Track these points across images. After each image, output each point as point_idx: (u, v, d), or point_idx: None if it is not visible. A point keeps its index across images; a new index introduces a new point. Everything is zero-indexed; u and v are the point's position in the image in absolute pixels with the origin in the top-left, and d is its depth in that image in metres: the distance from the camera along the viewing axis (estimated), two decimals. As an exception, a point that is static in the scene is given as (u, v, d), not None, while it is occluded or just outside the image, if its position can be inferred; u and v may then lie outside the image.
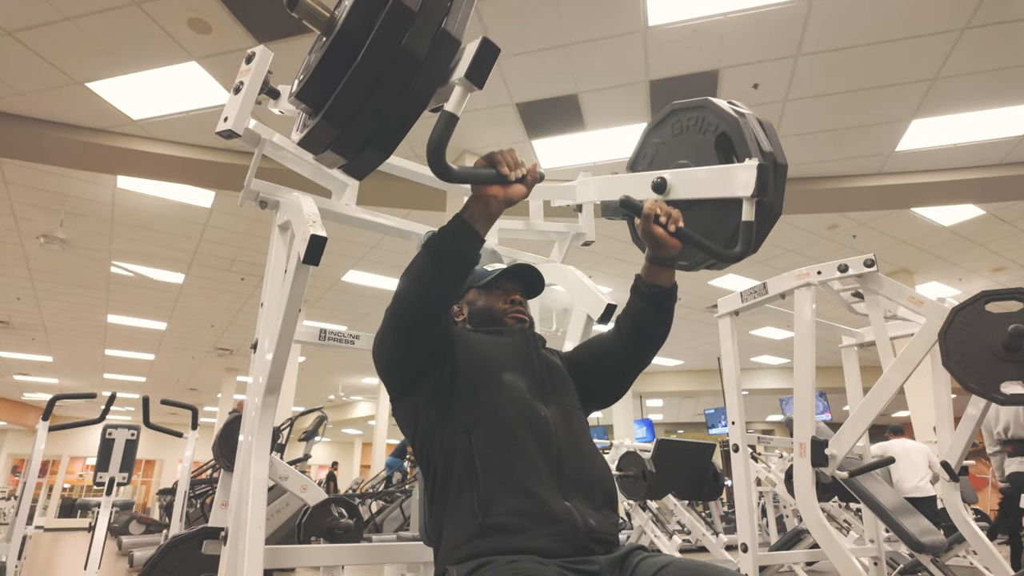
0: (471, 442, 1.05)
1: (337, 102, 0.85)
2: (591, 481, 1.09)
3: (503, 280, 1.34)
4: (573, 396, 1.24)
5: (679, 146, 1.40)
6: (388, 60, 0.83)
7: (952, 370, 2.25)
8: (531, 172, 1.01)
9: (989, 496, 13.91)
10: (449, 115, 0.88)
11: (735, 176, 1.16)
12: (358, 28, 0.83)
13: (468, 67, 0.87)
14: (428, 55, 0.85)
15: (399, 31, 0.83)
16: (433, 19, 0.86)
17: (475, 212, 1.01)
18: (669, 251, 1.18)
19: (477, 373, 1.15)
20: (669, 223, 1.14)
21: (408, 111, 0.88)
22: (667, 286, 1.23)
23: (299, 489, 2.54)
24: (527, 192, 1.01)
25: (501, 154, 0.99)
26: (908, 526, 2.67)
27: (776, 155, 1.24)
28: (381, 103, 0.85)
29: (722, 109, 1.31)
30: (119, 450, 4.42)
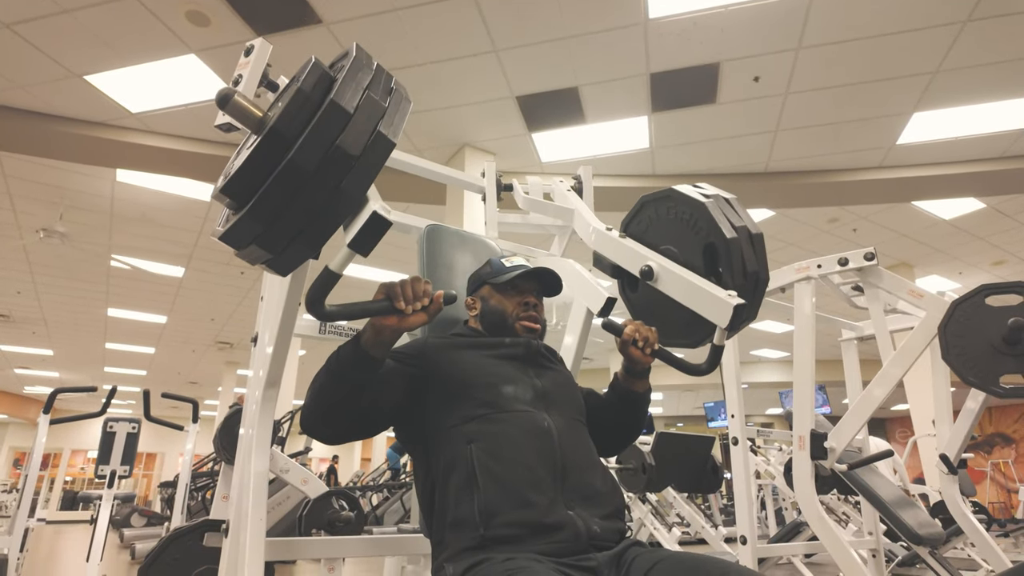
0: (471, 453, 1.05)
1: (264, 198, 0.84)
2: (596, 492, 1.08)
3: (520, 280, 1.33)
4: (578, 409, 1.24)
5: (666, 230, 1.43)
6: (321, 158, 0.83)
7: (952, 363, 2.25)
8: (435, 301, 1.00)
9: (987, 489, 13.97)
10: (330, 272, 0.92)
11: (715, 303, 1.22)
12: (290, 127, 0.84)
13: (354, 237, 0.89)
14: (362, 154, 0.85)
15: (334, 130, 0.83)
16: (369, 120, 0.86)
17: (368, 339, 1.01)
18: (643, 366, 1.29)
19: (474, 388, 1.14)
20: (645, 347, 1.26)
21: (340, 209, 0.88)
22: (640, 391, 1.34)
23: (300, 482, 2.55)
24: (429, 319, 1.01)
25: (401, 285, 0.98)
26: (907, 519, 2.68)
27: (749, 227, 1.30)
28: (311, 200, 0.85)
29: (687, 197, 1.36)
30: (120, 443, 4.43)
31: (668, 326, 1.42)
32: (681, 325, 1.38)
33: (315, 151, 0.83)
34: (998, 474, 14.54)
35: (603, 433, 1.30)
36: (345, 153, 0.84)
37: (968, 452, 3.53)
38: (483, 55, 3.94)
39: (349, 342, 1.03)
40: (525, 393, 1.16)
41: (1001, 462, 14.68)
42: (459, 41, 3.82)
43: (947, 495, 2.67)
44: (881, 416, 16.47)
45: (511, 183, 2.19)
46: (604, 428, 1.32)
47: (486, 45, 3.85)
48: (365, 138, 0.86)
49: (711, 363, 1.32)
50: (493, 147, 5.01)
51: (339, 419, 1.08)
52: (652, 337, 1.27)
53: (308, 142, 0.83)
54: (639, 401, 1.35)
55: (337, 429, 1.10)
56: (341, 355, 1.03)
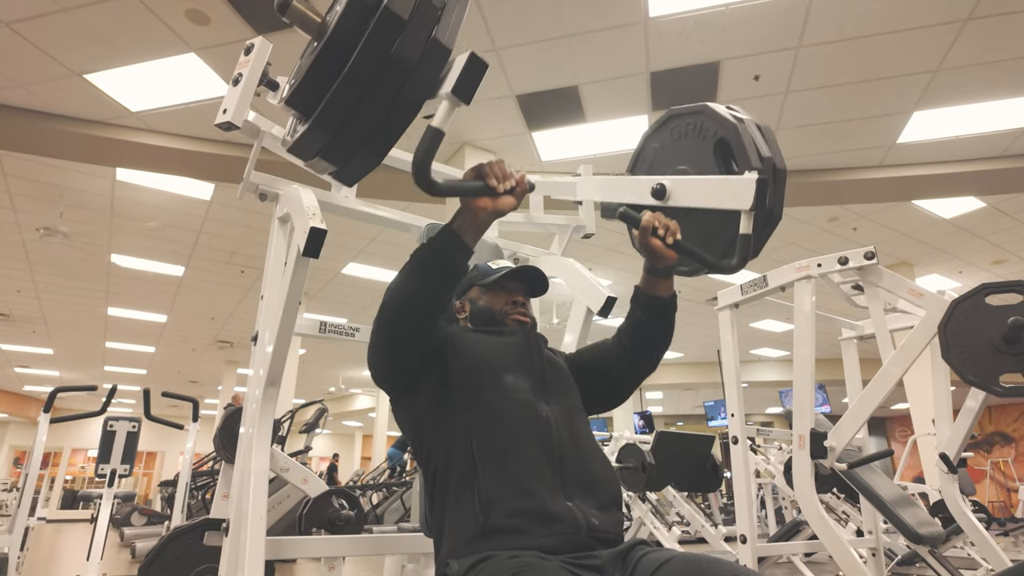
0: (472, 442, 1.05)
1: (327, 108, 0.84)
2: (595, 481, 1.08)
3: (506, 280, 1.33)
4: (575, 397, 1.24)
5: (678, 151, 1.39)
6: (378, 67, 0.82)
7: (951, 362, 2.25)
8: (520, 183, 1.01)
9: (987, 488, 13.98)
10: (435, 131, 0.88)
11: (734, 189, 1.15)
12: (348, 34, 0.83)
13: (455, 82, 0.86)
14: (419, 62, 0.85)
15: (389, 38, 0.82)
16: (423, 27, 0.85)
17: (464, 223, 1.01)
18: (667, 262, 1.20)
19: (477, 374, 1.14)
20: (667, 236, 1.16)
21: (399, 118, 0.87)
22: (666, 296, 1.25)
23: (300, 481, 2.55)
24: (517, 203, 1.01)
25: (490, 166, 0.99)
26: (906, 517, 2.68)
27: (775, 160, 1.23)
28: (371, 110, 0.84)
29: (720, 115, 1.30)
30: (120, 442, 4.43)
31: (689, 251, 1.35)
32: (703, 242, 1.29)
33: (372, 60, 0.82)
34: (998, 473, 14.55)
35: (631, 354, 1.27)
36: (402, 62, 0.83)
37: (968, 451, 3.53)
38: (483, 53, 3.90)
39: (437, 237, 1.02)
40: (524, 382, 1.16)
41: (1001, 461, 14.68)
42: (459, 39, 3.81)
43: (947, 494, 2.67)
44: (881, 415, 16.48)
45: (511, 182, 2.18)
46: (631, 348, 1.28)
47: (486, 43, 3.85)
48: (421, 46, 0.85)
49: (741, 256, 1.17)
50: (493, 146, 5.01)
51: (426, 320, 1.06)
52: (673, 226, 1.17)
53: (365, 51, 0.82)
54: (665, 308, 1.26)
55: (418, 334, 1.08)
56: (434, 244, 1.02)
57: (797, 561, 4.09)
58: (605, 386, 1.32)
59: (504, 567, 0.90)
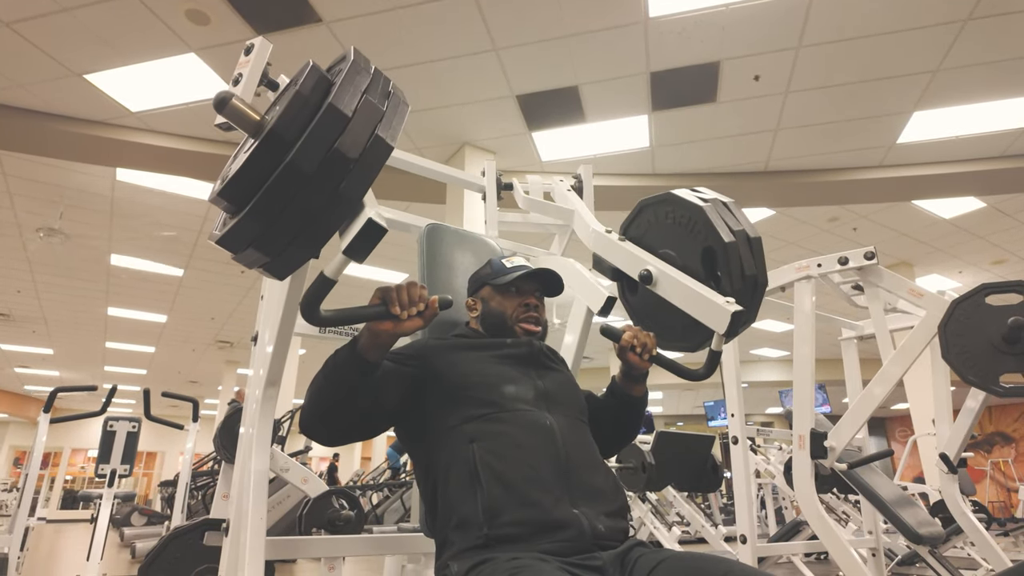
0: (474, 453, 1.05)
1: (262, 200, 0.84)
2: (600, 489, 1.08)
3: (521, 282, 1.33)
4: (580, 408, 1.24)
5: (665, 233, 1.43)
6: (319, 161, 0.83)
7: (952, 363, 2.25)
8: (431, 306, 1.00)
9: (987, 488, 13.98)
10: (325, 279, 0.92)
11: (713, 310, 1.21)
12: (289, 130, 0.84)
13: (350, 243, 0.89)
14: (360, 157, 0.86)
15: (333, 133, 0.84)
16: (367, 124, 0.87)
17: (365, 343, 1.01)
18: (641, 371, 1.30)
19: (472, 388, 1.14)
20: (643, 353, 1.27)
21: (338, 211, 0.88)
22: (639, 396, 1.35)
23: (300, 481, 2.55)
24: (425, 324, 1.01)
25: (397, 291, 0.98)
26: (906, 517, 2.68)
27: (747, 231, 1.30)
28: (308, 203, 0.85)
29: (685, 201, 1.36)
30: (120, 442, 4.43)
31: (667, 330, 1.42)
32: (680, 329, 1.38)
33: (314, 153, 0.83)
34: (998, 473, 14.55)
35: (600, 434, 1.30)
36: (344, 156, 0.84)
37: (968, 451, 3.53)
38: (483, 54, 3.93)
39: (346, 346, 1.03)
40: (527, 393, 1.16)
41: (1001, 461, 14.68)
42: (459, 40, 3.81)
43: (947, 494, 2.67)
44: (881, 415, 16.48)
45: (511, 182, 2.18)
46: (601, 429, 1.32)
47: (486, 44, 3.85)
48: (364, 141, 0.86)
49: (709, 368, 1.32)
50: (493, 146, 5.01)
51: (337, 421, 1.08)
52: (650, 343, 1.28)
53: (307, 144, 0.83)
54: (637, 404, 1.36)
55: (335, 431, 1.10)
56: (338, 359, 1.03)
57: (797, 561, 4.09)
58: (601, 435, 1.33)
59: (502, 568, 0.90)
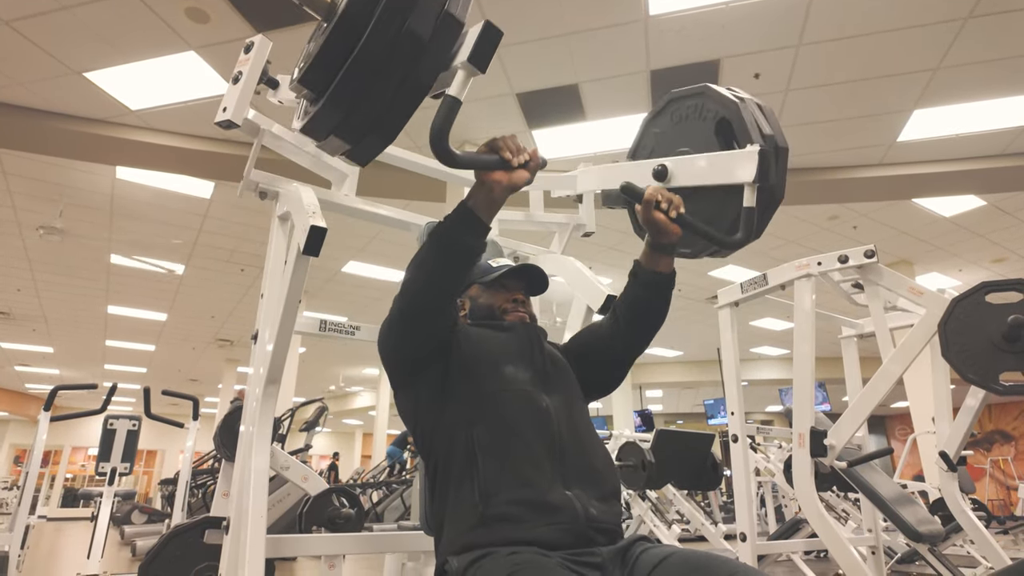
0: (472, 433, 1.06)
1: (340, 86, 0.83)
2: (594, 471, 1.09)
3: (506, 278, 1.34)
4: (575, 388, 1.24)
5: (679, 134, 1.38)
6: (391, 44, 0.81)
7: (951, 361, 2.25)
8: (533, 157, 1.01)
9: (987, 486, 14.00)
10: (452, 99, 0.87)
11: (736, 162, 1.15)
12: (360, 12, 0.82)
13: (471, 51, 0.86)
14: (432, 38, 0.84)
15: (402, 14, 0.82)
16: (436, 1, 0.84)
17: (479, 199, 1.00)
18: (670, 237, 1.18)
19: (478, 366, 1.15)
20: (671, 209, 1.14)
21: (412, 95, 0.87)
22: (666, 272, 1.23)
23: (300, 479, 2.55)
24: (531, 178, 1.01)
25: (503, 140, 0.98)
26: (906, 515, 2.68)
27: (777, 138, 1.22)
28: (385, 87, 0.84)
29: (721, 94, 1.30)
30: (121, 440, 4.43)
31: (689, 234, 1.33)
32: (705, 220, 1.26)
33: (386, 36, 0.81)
34: (997, 471, 14.56)
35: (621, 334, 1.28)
36: (415, 36, 0.82)
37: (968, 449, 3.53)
38: (483, 52, 3.93)
39: (452, 214, 1.02)
40: (524, 373, 1.17)
41: (1000, 459, 14.69)
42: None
43: (946, 492, 2.67)
44: (881, 413, 16.48)
45: (511, 180, 2.18)
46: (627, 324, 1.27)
47: (486, 42, 3.85)
48: (433, 20, 0.84)
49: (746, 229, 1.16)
50: (493, 144, 5.00)
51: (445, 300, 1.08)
52: (676, 200, 1.15)
53: (378, 27, 0.81)
54: (664, 285, 1.24)
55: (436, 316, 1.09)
56: (451, 224, 1.02)
57: (797, 559, 4.10)
58: (600, 368, 1.32)
59: (502, 564, 0.90)
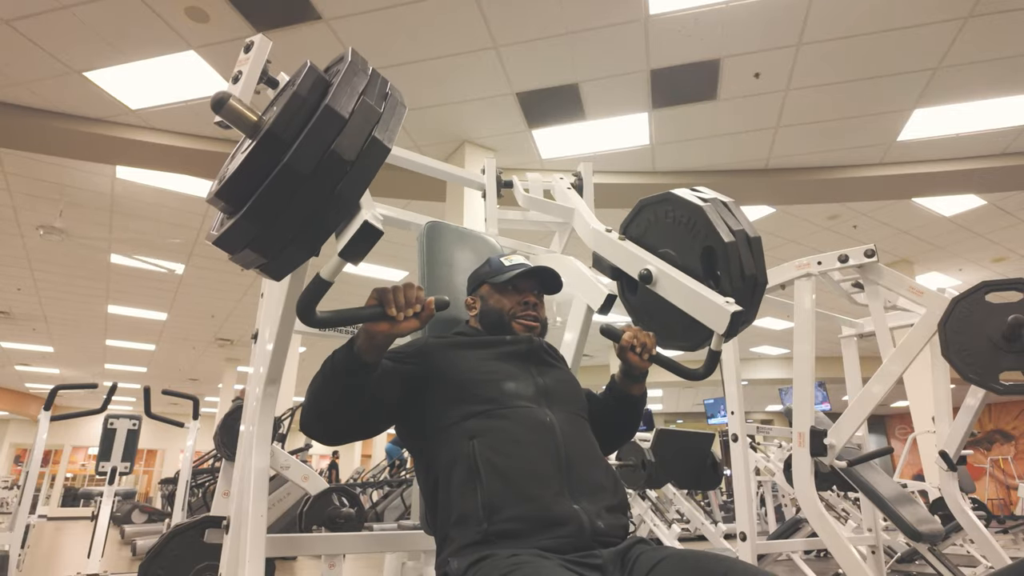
0: (473, 449, 1.05)
1: (260, 200, 0.84)
2: (600, 485, 1.08)
3: (519, 280, 1.33)
4: (579, 403, 1.25)
5: (665, 233, 1.43)
6: (316, 163, 0.83)
7: (951, 360, 2.25)
8: (427, 308, 1.00)
9: (987, 485, 14.00)
10: (321, 281, 0.91)
11: (713, 310, 1.22)
12: (286, 131, 0.84)
13: (345, 246, 0.89)
14: (357, 159, 0.86)
15: (330, 134, 0.84)
16: (364, 126, 0.86)
17: (362, 344, 1.01)
18: (640, 371, 1.31)
19: (471, 386, 1.15)
20: (643, 353, 1.28)
21: (335, 212, 0.88)
22: (637, 395, 1.36)
23: (300, 478, 2.55)
24: (421, 325, 1.01)
25: (394, 291, 0.98)
26: (906, 515, 2.68)
27: (747, 231, 1.31)
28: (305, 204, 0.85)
29: (685, 201, 1.36)
30: (121, 440, 4.44)
31: (667, 329, 1.43)
32: (680, 328, 1.38)
33: (311, 155, 0.83)
34: (997, 471, 14.56)
35: (600, 432, 1.31)
36: (340, 158, 0.84)
37: (967, 449, 3.53)
38: (483, 51, 3.93)
39: (343, 347, 1.04)
40: (527, 389, 1.16)
41: (1000, 459, 14.69)
42: (459, 37, 3.81)
43: (946, 492, 2.68)
44: (881, 413, 16.49)
45: (511, 180, 2.19)
46: (601, 428, 1.32)
47: (486, 41, 3.85)
48: (360, 143, 0.86)
49: (708, 367, 1.32)
50: (493, 143, 5.01)
51: (336, 421, 1.09)
52: (650, 343, 1.28)
53: (304, 146, 0.83)
54: (636, 403, 1.37)
55: (335, 430, 1.11)
56: (335, 360, 1.04)
57: (797, 559, 4.10)
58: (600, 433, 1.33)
59: (501, 564, 0.91)
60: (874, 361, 2.43)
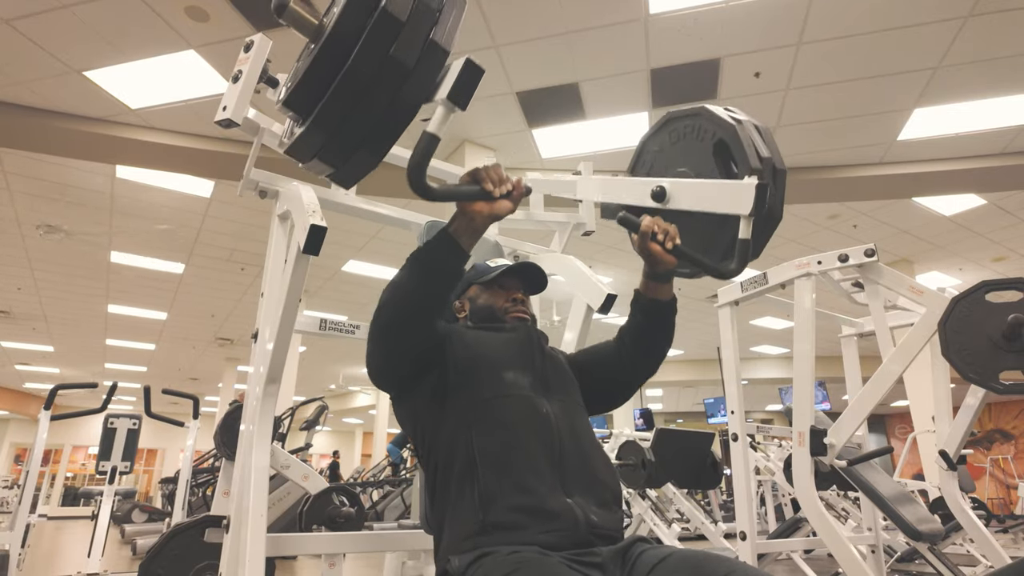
0: (472, 439, 1.06)
1: (324, 109, 0.84)
2: (595, 478, 1.09)
3: (504, 278, 1.33)
4: (576, 394, 1.24)
5: (677, 154, 1.38)
6: (376, 68, 0.82)
7: (951, 360, 2.25)
8: (517, 187, 1.01)
9: (987, 485, 14.00)
10: (431, 136, 0.88)
11: (733, 193, 1.15)
12: (346, 35, 0.83)
13: (451, 88, 0.87)
14: (416, 64, 0.85)
15: (387, 39, 0.83)
16: (421, 29, 0.85)
17: (460, 227, 1.01)
18: (666, 266, 1.19)
19: (477, 371, 1.15)
20: (666, 240, 1.16)
21: (397, 119, 0.87)
22: (665, 299, 1.25)
23: (300, 478, 2.55)
24: (514, 207, 1.01)
25: (486, 170, 0.99)
26: (906, 514, 2.69)
27: (775, 161, 1.23)
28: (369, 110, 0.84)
29: (718, 116, 1.29)
30: (121, 439, 4.44)
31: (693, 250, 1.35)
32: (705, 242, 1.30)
33: (370, 62, 0.82)
34: (997, 470, 14.57)
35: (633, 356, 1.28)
36: (400, 63, 0.83)
37: (967, 448, 3.52)
38: (483, 50, 3.92)
39: (433, 239, 1.03)
40: (524, 378, 1.17)
41: (1000, 458, 14.70)
42: (459, 36, 3.80)
43: (946, 491, 2.68)
44: (881, 412, 16.49)
45: (511, 179, 2.18)
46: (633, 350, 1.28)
47: (486, 40, 3.84)
48: (419, 47, 0.85)
49: (740, 261, 1.18)
50: (493, 143, 5.01)
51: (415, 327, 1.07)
52: (672, 231, 1.16)
53: (364, 51, 0.82)
54: (664, 312, 1.26)
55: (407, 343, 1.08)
56: (431, 249, 1.02)
57: (797, 558, 4.10)
58: (605, 386, 1.33)
59: (504, 563, 0.91)
60: (874, 361, 2.42)
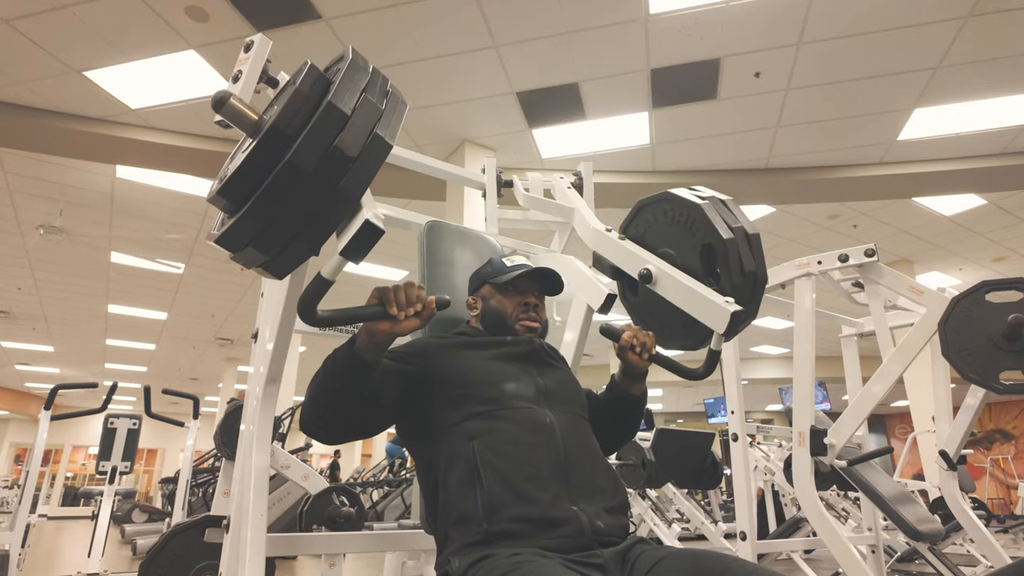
0: (473, 449, 1.05)
1: (261, 199, 0.84)
2: (600, 487, 1.09)
3: (520, 281, 1.33)
4: (580, 405, 1.25)
5: (664, 232, 1.43)
6: (319, 159, 0.83)
7: (951, 360, 2.25)
8: (427, 307, 1.00)
9: (987, 485, 14.00)
10: (323, 280, 0.91)
11: (712, 309, 1.22)
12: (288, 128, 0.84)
13: (346, 245, 0.89)
14: (360, 154, 0.86)
15: (332, 131, 0.84)
16: (366, 123, 0.87)
17: (363, 343, 1.01)
18: (640, 370, 1.31)
19: (472, 386, 1.15)
20: (643, 352, 1.28)
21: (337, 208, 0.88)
22: (637, 394, 1.36)
23: (301, 478, 2.55)
24: (422, 324, 1.01)
25: (394, 291, 0.98)
26: (906, 514, 2.69)
27: (745, 228, 1.30)
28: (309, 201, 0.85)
29: (683, 199, 1.37)
30: (121, 439, 4.44)
31: (667, 328, 1.42)
32: (680, 327, 1.38)
33: (313, 151, 0.83)
34: (997, 470, 14.57)
35: (601, 432, 1.31)
36: (343, 154, 0.84)
37: (967, 448, 3.53)
38: (483, 51, 3.92)
39: (344, 346, 1.04)
40: (527, 390, 1.16)
41: (1000, 458, 14.70)
42: (459, 37, 3.81)
43: (946, 491, 2.68)
44: (881, 412, 16.49)
45: (511, 179, 2.19)
46: (602, 428, 1.32)
47: (486, 40, 3.84)
48: (363, 139, 0.86)
49: (708, 366, 1.32)
50: (493, 143, 5.01)
51: (336, 420, 1.09)
52: (649, 342, 1.28)
53: (306, 142, 0.83)
54: (636, 403, 1.37)
55: (335, 429, 1.11)
56: (336, 359, 1.04)
57: (797, 558, 4.10)
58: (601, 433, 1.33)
59: (503, 563, 0.91)
60: (874, 361, 2.43)
